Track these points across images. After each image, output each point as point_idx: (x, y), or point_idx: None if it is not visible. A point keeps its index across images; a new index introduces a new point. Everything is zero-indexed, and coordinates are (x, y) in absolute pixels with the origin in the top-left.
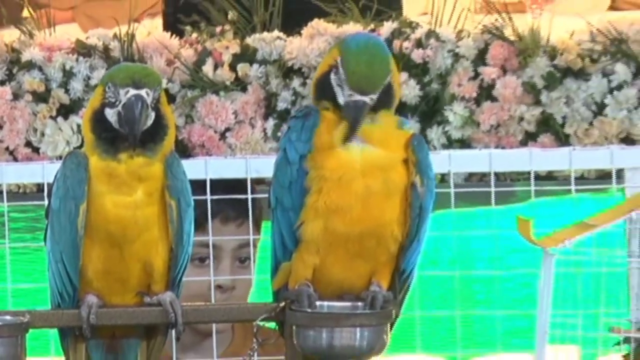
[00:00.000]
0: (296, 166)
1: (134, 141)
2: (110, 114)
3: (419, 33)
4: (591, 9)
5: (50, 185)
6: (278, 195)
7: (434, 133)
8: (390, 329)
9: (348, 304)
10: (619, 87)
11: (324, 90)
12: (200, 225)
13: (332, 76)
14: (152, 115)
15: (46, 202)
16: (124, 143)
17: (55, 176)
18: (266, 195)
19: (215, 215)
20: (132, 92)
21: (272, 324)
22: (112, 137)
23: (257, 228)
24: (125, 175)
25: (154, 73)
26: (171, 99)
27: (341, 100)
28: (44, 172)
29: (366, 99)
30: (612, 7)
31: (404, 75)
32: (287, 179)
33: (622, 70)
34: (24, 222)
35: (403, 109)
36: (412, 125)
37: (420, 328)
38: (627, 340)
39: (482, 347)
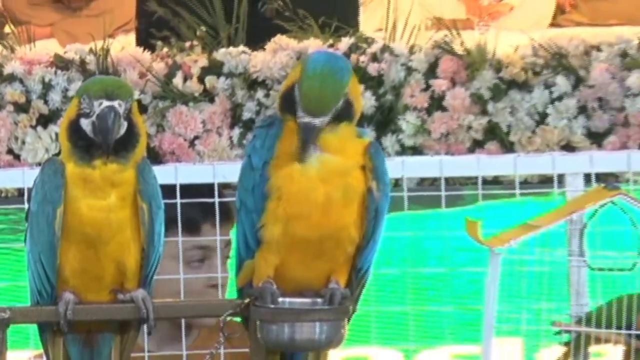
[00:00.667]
0: (259, 172)
1: (107, 149)
2: (85, 124)
3: (375, 48)
4: (533, 25)
5: (30, 190)
6: (242, 198)
7: (388, 141)
8: (348, 323)
9: (308, 300)
10: (560, 98)
11: (286, 104)
12: (191, 228)
13: (294, 93)
14: (125, 125)
15: (26, 206)
16: (98, 151)
17: (34, 181)
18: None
19: (209, 218)
20: (105, 103)
21: (237, 319)
22: (87, 146)
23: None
24: (99, 181)
25: (126, 85)
26: (143, 109)
27: (298, 118)
28: (24, 177)
29: (316, 121)
30: (553, 24)
31: (361, 87)
32: (250, 183)
33: (562, 82)
34: (6, 225)
35: (360, 119)
36: (371, 135)
37: (375, 322)
38: (568, 332)
39: (432, 340)
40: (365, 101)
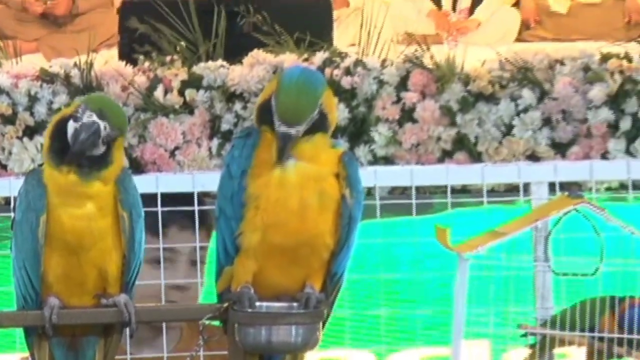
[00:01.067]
0: (237, 180)
1: (73, 156)
2: (70, 126)
3: (348, 62)
4: (500, 40)
5: (15, 199)
6: (221, 205)
7: (361, 151)
8: (323, 326)
9: (285, 304)
10: (525, 110)
11: (263, 115)
12: (155, 231)
13: (271, 104)
14: (102, 147)
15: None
16: (67, 156)
17: (19, 191)
18: (214, 207)
19: (174, 223)
20: (94, 118)
21: (217, 322)
22: (62, 148)
23: (208, 235)
24: (65, 188)
25: (122, 117)
26: None
27: (275, 128)
28: (10, 187)
29: (292, 130)
30: (519, 39)
31: (335, 100)
32: (229, 191)
33: (527, 95)
34: None
35: (334, 130)
36: (344, 146)
37: (349, 325)
38: (533, 334)
39: (404, 342)
40: (338, 113)
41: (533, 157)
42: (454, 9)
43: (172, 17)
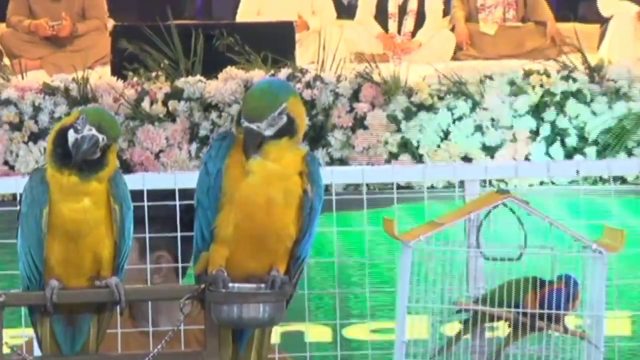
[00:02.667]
0: (213, 177)
1: (74, 163)
2: (71, 135)
3: (308, 77)
4: (438, 59)
5: (21, 195)
6: (199, 198)
7: (319, 154)
8: (288, 303)
9: (254, 285)
10: (460, 118)
11: (238, 120)
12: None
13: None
14: (98, 153)
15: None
16: (68, 160)
17: (24, 188)
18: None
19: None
20: (94, 132)
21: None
22: (63, 153)
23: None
24: (67, 187)
25: (117, 129)
26: None
27: (241, 124)
28: (17, 184)
29: (254, 126)
30: (454, 58)
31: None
32: (206, 186)
33: (461, 106)
34: (3, 223)
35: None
36: (306, 149)
37: (308, 303)
38: (466, 310)
39: (356, 318)
40: None
41: (466, 159)
42: (399, 32)
43: (157, 39)
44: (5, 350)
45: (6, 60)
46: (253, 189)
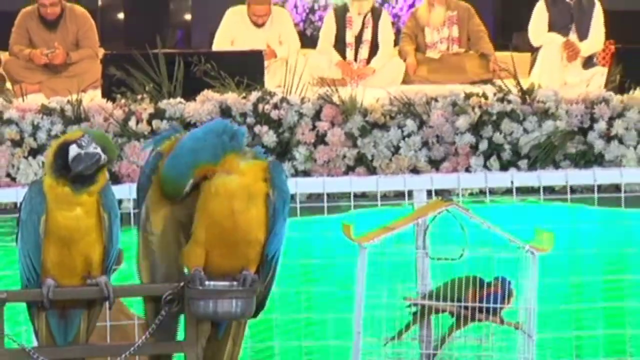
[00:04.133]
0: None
1: (72, 175)
2: (73, 149)
3: (276, 99)
4: (390, 83)
5: (21, 204)
6: None
7: (285, 166)
8: (265, 300)
9: (227, 283)
10: (409, 135)
11: None
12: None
13: None
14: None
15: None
16: (66, 172)
17: (24, 197)
18: None
19: None
20: (99, 150)
21: None
22: (63, 165)
23: None
24: (62, 198)
25: (116, 151)
26: None
27: None
28: (17, 194)
29: (178, 199)
30: (404, 82)
31: (265, 128)
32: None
33: (410, 124)
34: (5, 229)
35: (266, 151)
36: (270, 158)
37: (277, 298)
38: (415, 304)
39: (317, 310)
40: (268, 138)
41: (415, 171)
42: (355, 59)
43: (142, 66)
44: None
45: (8, 85)
46: (222, 203)
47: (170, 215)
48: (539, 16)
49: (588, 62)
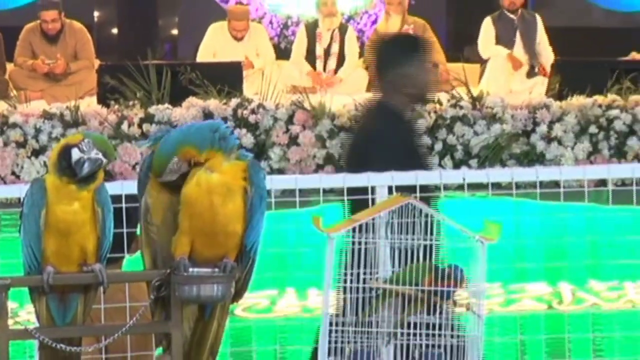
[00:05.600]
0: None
1: (79, 179)
2: (75, 153)
3: (253, 105)
4: (355, 90)
5: (24, 199)
6: None
7: (262, 165)
8: (247, 285)
9: (209, 269)
10: None
11: None
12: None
13: None
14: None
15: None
16: (69, 172)
17: (26, 193)
18: None
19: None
20: (100, 156)
21: None
22: (66, 165)
23: None
24: (62, 192)
25: (115, 155)
26: None
27: None
28: (21, 190)
29: (159, 179)
30: (367, 90)
31: (244, 131)
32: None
33: None
34: (10, 221)
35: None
36: (249, 157)
37: (252, 284)
38: (377, 288)
39: (290, 295)
40: (247, 139)
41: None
42: (324, 70)
43: (134, 75)
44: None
45: (14, 92)
46: (203, 198)
47: (169, 207)
48: (487, 31)
49: (531, 72)
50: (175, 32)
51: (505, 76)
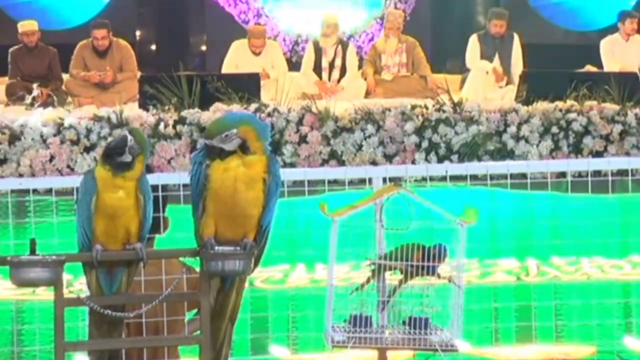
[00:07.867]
0: (199, 176)
1: (108, 158)
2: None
3: (269, 109)
4: (355, 97)
5: (78, 187)
6: (192, 188)
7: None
8: (259, 259)
9: (232, 248)
10: (369, 137)
11: None
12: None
13: None
14: (129, 157)
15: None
16: (113, 163)
17: (80, 182)
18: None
19: None
20: (126, 132)
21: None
22: (110, 158)
23: None
24: (106, 180)
25: (144, 138)
26: None
27: None
28: (74, 181)
29: (207, 141)
30: (366, 96)
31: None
32: (195, 180)
33: (370, 128)
34: (66, 207)
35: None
36: (270, 153)
37: (262, 262)
38: (374, 263)
39: (298, 270)
40: None
41: (374, 163)
42: (329, 80)
43: (169, 84)
44: None
45: (69, 99)
46: (227, 184)
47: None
48: (473, 47)
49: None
50: (204, 48)
51: (482, 86)
